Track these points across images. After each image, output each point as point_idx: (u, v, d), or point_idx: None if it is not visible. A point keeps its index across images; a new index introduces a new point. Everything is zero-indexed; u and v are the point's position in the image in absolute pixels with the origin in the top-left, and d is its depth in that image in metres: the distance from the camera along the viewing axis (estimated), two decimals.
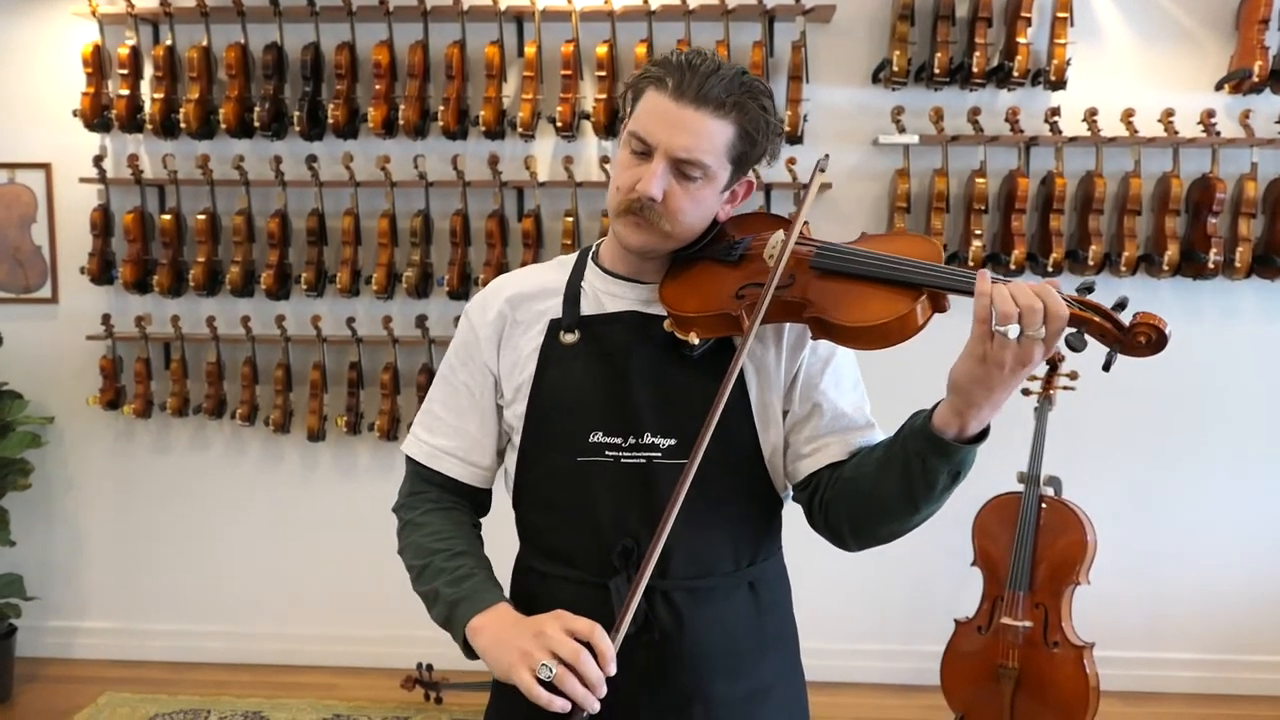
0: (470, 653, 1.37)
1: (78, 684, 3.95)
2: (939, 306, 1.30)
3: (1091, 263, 3.60)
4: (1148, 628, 3.93)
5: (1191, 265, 3.63)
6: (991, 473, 3.47)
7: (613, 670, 1.24)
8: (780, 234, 1.41)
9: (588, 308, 1.49)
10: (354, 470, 4.05)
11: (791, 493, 1.54)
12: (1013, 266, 3.61)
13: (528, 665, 1.25)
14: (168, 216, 3.83)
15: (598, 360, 1.45)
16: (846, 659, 3.95)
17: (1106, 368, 1.24)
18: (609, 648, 1.25)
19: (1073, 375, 3.27)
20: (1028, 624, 3.23)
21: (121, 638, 4.17)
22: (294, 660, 4.09)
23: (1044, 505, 3.26)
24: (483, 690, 3.79)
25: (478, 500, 1.58)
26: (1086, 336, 1.21)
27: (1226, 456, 3.85)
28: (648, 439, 1.42)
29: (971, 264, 3.64)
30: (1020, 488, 3.29)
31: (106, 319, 3.90)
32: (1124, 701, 3.78)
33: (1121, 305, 1.22)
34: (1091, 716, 3.23)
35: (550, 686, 1.23)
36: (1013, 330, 1.16)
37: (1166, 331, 1.19)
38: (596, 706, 1.24)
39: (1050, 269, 3.61)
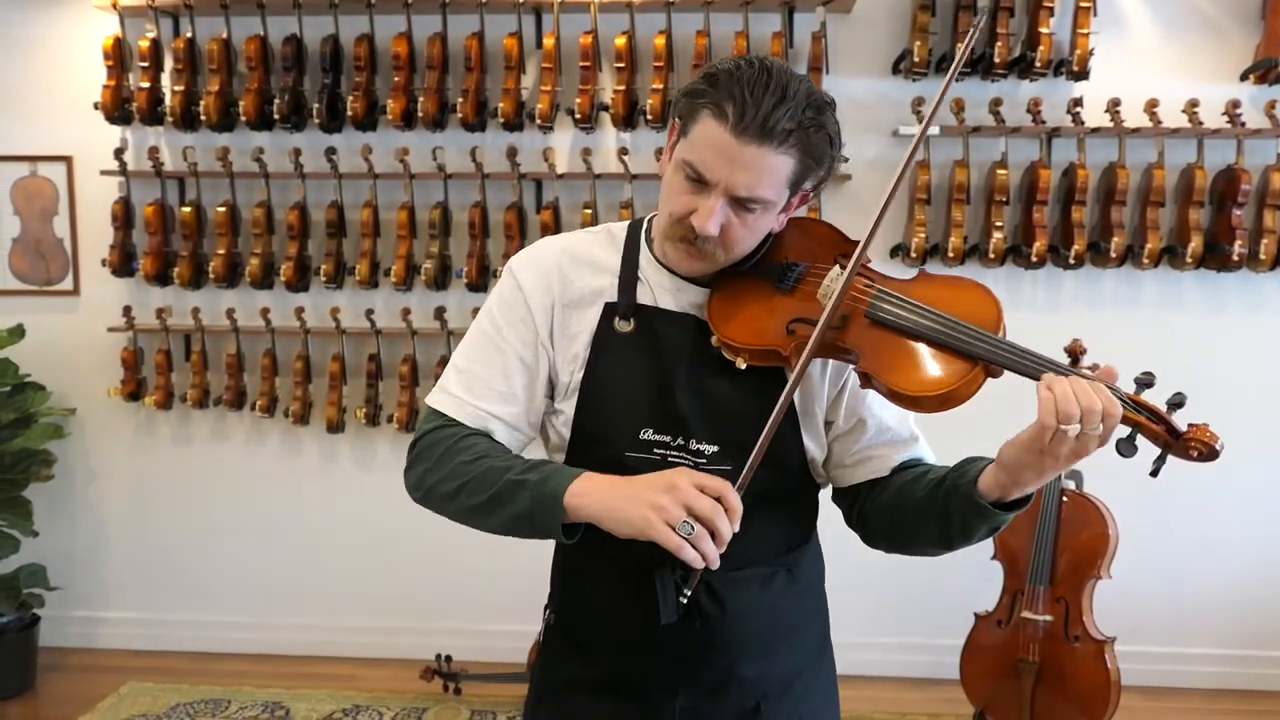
0: (569, 532, 1.31)
1: (100, 673, 3.98)
2: (992, 374, 1.29)
3: (1114, 255, 3.57)
4: (1169, 622, 3.91)
5: (1215, 257, 3.60)
6: None
7: (728, 535, 1.22)
8: (837, 271, 1.36)
9: (644, 296, 1.44)
10: (373, 462, 4.06)
11: (831, 489, 1.54)
12: (1034, 259, 3.58)
13: (665, 520, 1.21)
14: (188, 209, 3.85)
15: (650, 355, 1.41)
16: (865, 652, 3.94)
17: (1155, 474, 1.29)
18: (739, 504, 1.23)
19: (1094, 368, 3.23)
20: (1048, 618, 3.22)
21: (143, 628, 4.20)
22: (314, 651, 4.11)
23: (1065, 499, 3.25)
24: (501, 682, 3.83)
25: None
26: (1138, 440, 1.25)
27: (1250, 450, 3.81)
28: (693, 445, 1.39)
29: (992, 256, 3.61)
30: None
31: (127, 311, 3.93)
32: (1145, 696, 3.76)
33: (1178, 405, 1.25)
34: (1112, 711, 3.21)
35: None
36: (1073, 430, 1.16)
37: (1218, 447, 1.23)
38: (717, 564, 1.23)
39: (1072, 261, 3.58)
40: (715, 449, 1.39)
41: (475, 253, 3.75)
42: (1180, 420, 1.25)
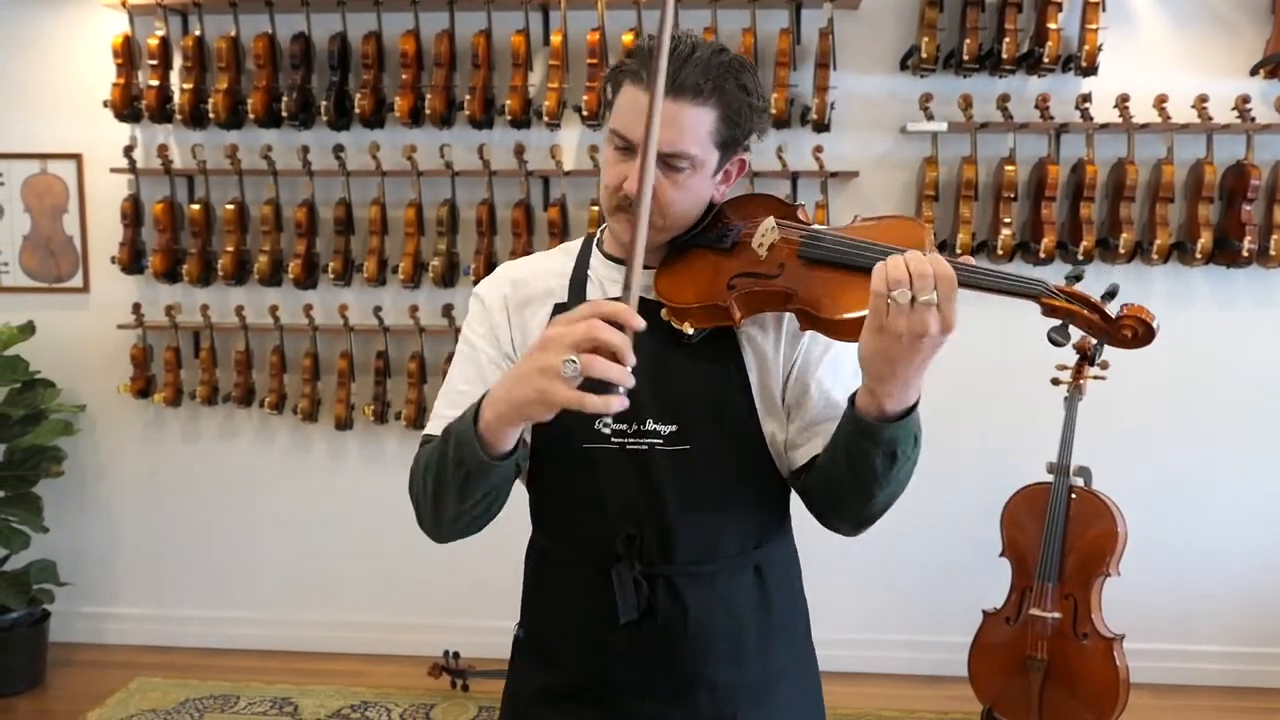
0: (502, 457, 1.24)
1: (109, 669, 4.00)
2: None
3: (1123, 251, 3.56)
4: (1178, 619, 3.89)
5: (1225, 253, 3.58)
6: (1021, 463, 3.46)
7: (639, 324, 1.11)
8: (770, 221, 1.40)
9: (593, 293, 1.47)
10: (381, 458, 4.07)
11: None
12: (1042, 255, 3.58)
13: (550, 376, 1.11)
14: (197, 206, 3.86)
15: None
16: (874, 649, 3.94)
17: (1091, 361, 1.30)
18: (621, 306, 1.12)
19: (1104, 365, 3.23)
20: (1057, 615, 3.21)
21: (152, 623, 4.22)
22: (322, 647, 4.12)
23: (1073, 496, 3.24)
24: None
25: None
26: (1071, 329, 1.24)
27: (1260, 446, 3.80)
28: (650, 425, 1.40)
29: (1000, 253, 3.61)
30: (1049, 478, 3.27)
31: (137, 308, 3.94)
32: (1154, 694, 3.75)
33: (1111, 294, 1.24)
34: (1121, 709, 3.20)
35: (588, 384, 1.10)
36: (902, 295, 1.14)
37: (1154, 325, 1.22)
38: (631, 380, 1.10)
39: (1081, 257, 3.57)
40: (674, 428, 1.39)
41: (483, 250, 3.75)
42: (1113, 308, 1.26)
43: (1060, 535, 3.21)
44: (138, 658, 4.10)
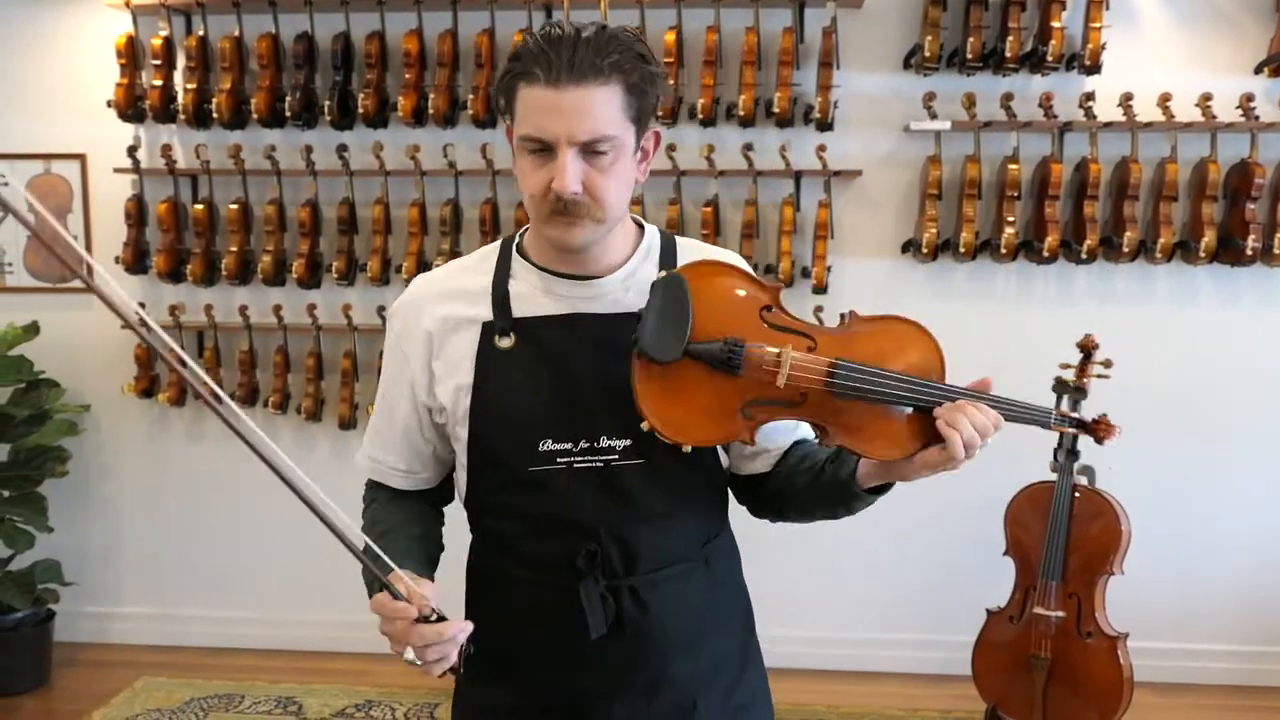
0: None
1: (114, 669, 4.00)
2: None
3: (1126, 249, 3.56)
4: (1182, 618, 3.89)
5: (1229, 252, 3.58)
6: (1024, 462, 3.46)
7: (422, 605, 1.25)
8: (790, 352, 1.30)
9: (523, 308, 1.41)
10: None
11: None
12: (1046, 254, 3.57)
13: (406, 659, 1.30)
14: (200, 206, 3.86)
15: (540, 364, 1.39)
16: (877, 648, 3.94)
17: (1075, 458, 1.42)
18: (398, 604, 1.25)
19: (1107, 364, 3.23)
20: (1060, 614, 3.21)
21: (157, 623, 4.23)
22: (327, 646, 4.12)
23: (1078, 495, 3.24)
24: None
25: (436, 494, 1.59)
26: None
27: (1263, 446, 3.80)
28: (603, 442, 1.37)
29: (1004, 251, 3.60)
30: (1053, 477, 3.27)
31: (140, 308, 3.94)
32: (1157, 693, 3.75)
33: (1082, 423, 1.47)
34: (1125, 707, 3.20)
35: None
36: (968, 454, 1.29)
37: (1113, 428, 1.48)
38: (459, 645, 1.29)
39: (1084, 256, 3.57)
40: (628, 443, 1.37)
41: None
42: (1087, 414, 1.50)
43: (1064, 534, 3.21)
44: (142, 657, 4.11)
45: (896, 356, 1.33)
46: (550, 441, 1.38)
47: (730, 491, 1.56)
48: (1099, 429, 1.46)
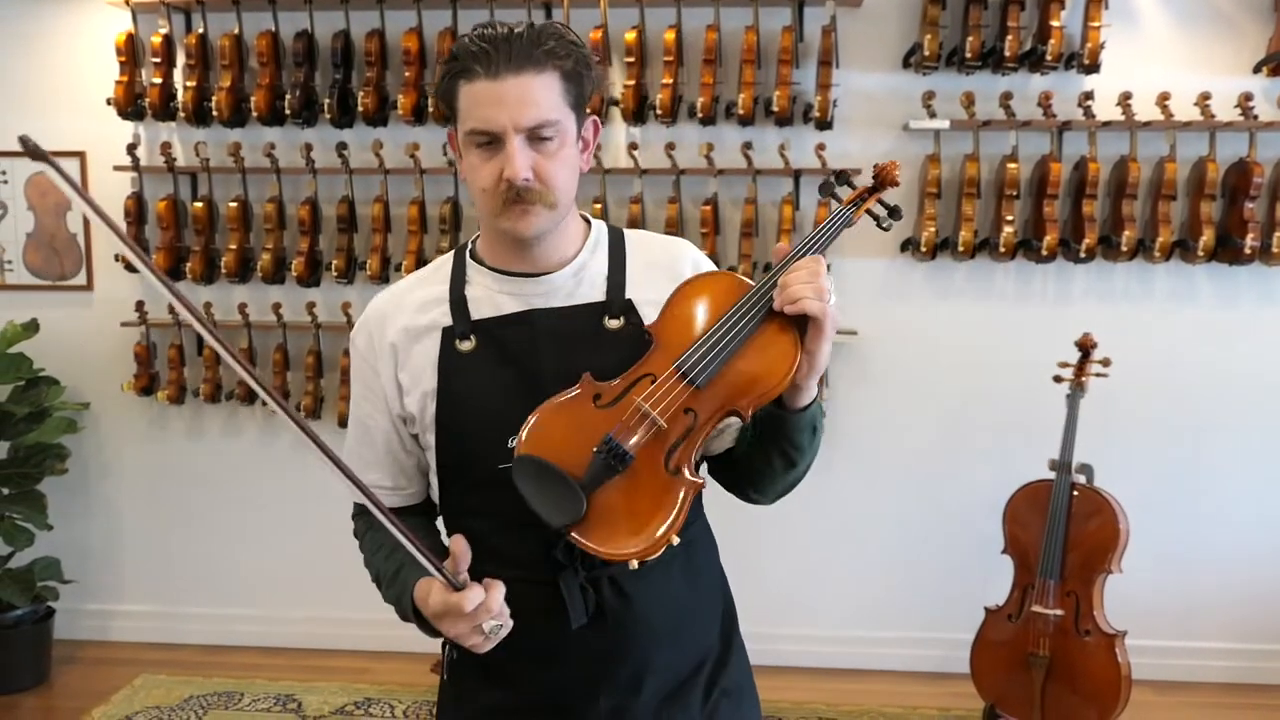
0: (434, 630, 1.39)
1: (114, 666, 4.01)
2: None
3: (1125, 248, 3.56)
4: (1180, 616, 3.90)
5: (1227, 251, 3.58)
6: (1023, 460, 3.47)
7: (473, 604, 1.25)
8: (639, 401, 1.28)
9: (481, 310, 1.43)
10: None
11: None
12: (1045, 252, 3.58)
13: (475, 634, 1.28)
14: (200, 204, 3.86)
15: (502, 363, 1.40)
16: (876, 646, 3.95)
17: (898, 215, 1.49)
18: (471, 602, 1.26)
19: (1105, 362, 3.24)
20: (1059, 612, 3.22)
21: (157, 621, 4.23)
22: (326, 644, 4.13)
23: (1076, 493, 3.24)
24: None
25: (425, 507, 1.59)
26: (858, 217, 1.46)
27: (1261, 443, 3.80)
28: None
29: (1003, 250, 3.61)
30: (1052, 475, 3.27)
31: (140, 306, 3.95)
32: (1156, 690, 3.75)
33: (841, 175, 1.49)
34: (1123, 705, 3.21)
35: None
36: (828, 297, 1.29)
37: (891, 169, 1.46)
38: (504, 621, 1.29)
39: (1083, 255, 3.58)
40: None
41: None
42: (860, 180, 1.48)
43: (1062, 532, 3.22)
44: (142, 655, 4.11)
45: (702, 312, 1.34)
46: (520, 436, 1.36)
47: (718, 480, 1.56)
48: (882, 176, 1.46)
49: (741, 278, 1.38)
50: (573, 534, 1.26)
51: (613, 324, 1.42)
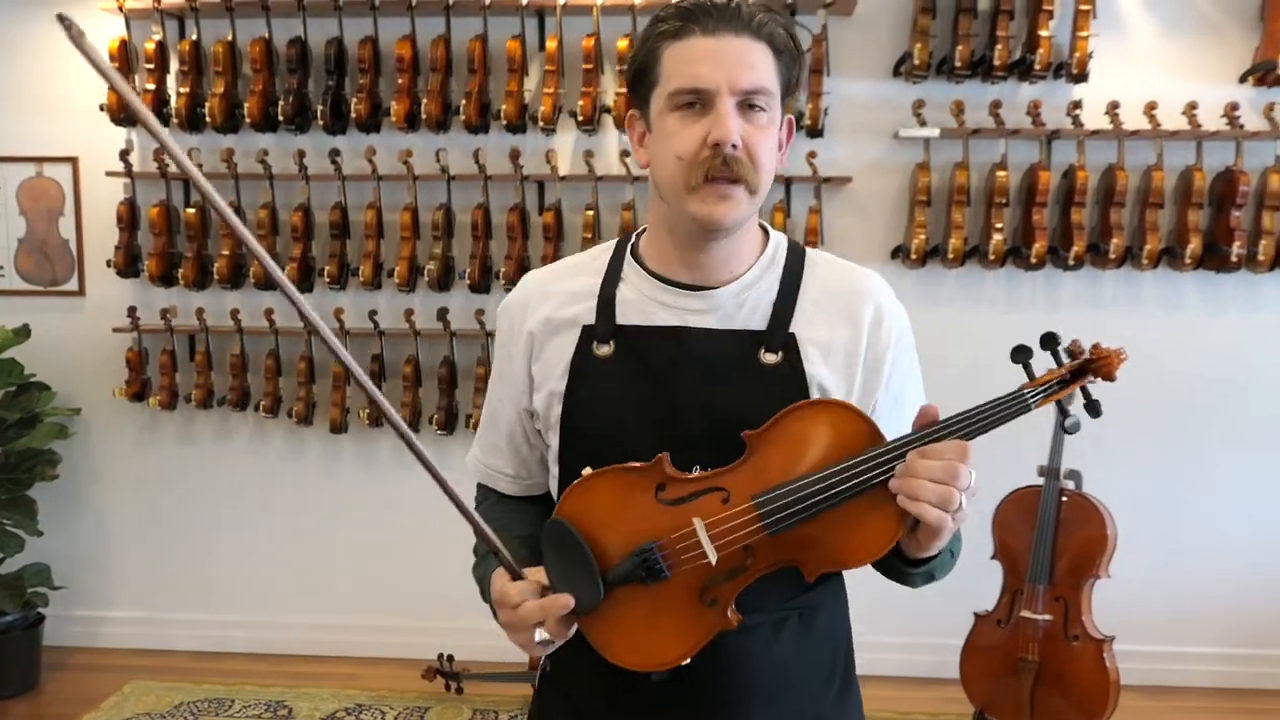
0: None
1: (103, 673, 4.00)
2: None
3: (1113, 256, 3.59)
4: (1169, 621, 3.92)
5: (1214, 258, 3.61)
6: (1011, 466, 3.48)
7: (568, 605, 1.17)
8: (698, 524, 1.15)
9: (628, 315, 1.30)
10: (375, 462, 4.08)
11: None
12: (1034, 260, 3.60)
13: (526, 642, 1.20)
14: (192, 210, 3.87)
15: (639, 380, 1.27)
16: (865, 651, 3.91)
17: (1096, 413, 1.22)
18: (545, 607, 1.17)
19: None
20: (1048, 617, 3.23)
21: (147, 627, 4.22)
22: (316, 650, 4.13)
23: (1064, 499, 3.26)
24: (503, 681, 3.84)
25: (548, 499, 1.44)
26: (1070, 404, 1.22)
27: (1249, 449, 3.83)
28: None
29: (992, 258, 3.63)
30: (1040, 481, 3.29)
31: (132, 311, 3.95)
32: (1145, 695, 3.77)
33: (1052, 339, 1.19)
34: (1112, 710, 3.22)
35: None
36: (954, 505, 1.09)
37: (1117, 351, 1.20)
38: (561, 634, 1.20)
39: (1071, 262, 3.60)
40: None
41: (478, 254, 3.77)
42: (1073, 359, 1.20)
43: (1051, 538, 3.23)
44: (132, 661, 4.10)
45: (811, 447, 1.15)
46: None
47: None
48: (1098, 362, 1.19)
49: (871, 425, 1.16)
50: (577, 624, 1.19)
51: (769, 358, 1.25)
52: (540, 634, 1.17)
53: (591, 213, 3.72)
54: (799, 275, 1.31)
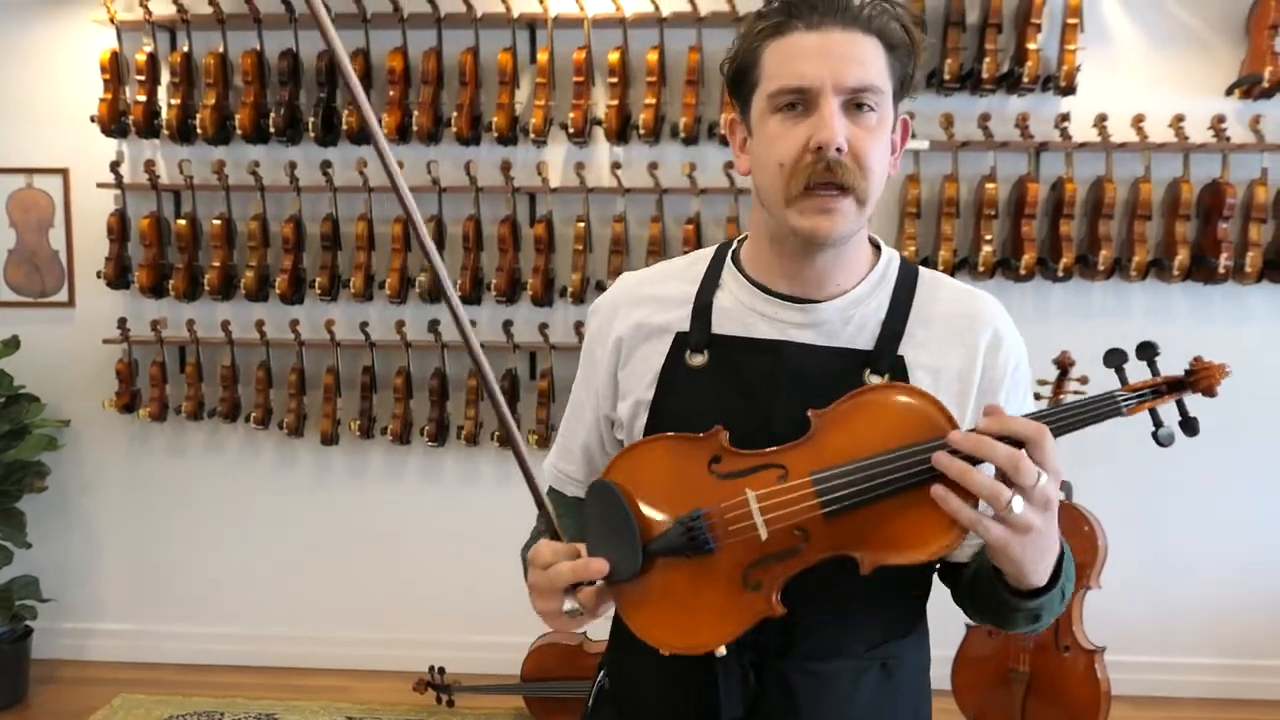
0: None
1: (92, 685, 3.98)
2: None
3: (1102, 267, 3.61)
4: (1159, 632, 3.93)
5: (1202, 270, 3.64)
6: None
7: (602, 571, 1.11)
8: (750, 496, 1.09)
9: (725, 325, 1.23)
10: (366, 474, 4.08)
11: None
12: (1023, 272, 3.62)
13: (554, 616, 1.15)
14: (183, 221, 3.86)
15: (731, 393, 1.20)
16: None
17: (1193, 431, 1.16)
18: (570, 573, 1.11)
19: (1083, 380, 3.27)
20: None
21: (136, 640, 4.20)
22: (307, 663, 4.11)
23: None
24: (494, 694, 3.83)
25: None
26: (1162, 414, 1.16)
27: (1238, 460, 3.84)
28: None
29: (981, 269, 3.65)
30: None
31: (122, 323, 3.94)
32: (1135, 706, 3.78)
33: (1149, 348, 1.17)
34: None
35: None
36: (998, 503, 1.00)
37: (1222, 366, 1.18)
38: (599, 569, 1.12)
39: (1060, 274, 3.62)
40: None
41: (469, 266, 3.77)
42: (1172, 370, 1.16)
43: None
44: (121, 674, 4.08)
45: (877, 429, 1.08)
46: None
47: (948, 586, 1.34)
48: (1199, 376, 1.14)
49: (945, 412, 1.08)
50: (610, 591, 1.14)
51: (874, 381, 1.16)
52: (569, 603, 1.10)
53: (582, 224, 3.72)
54: (911, 294, 1.24)
